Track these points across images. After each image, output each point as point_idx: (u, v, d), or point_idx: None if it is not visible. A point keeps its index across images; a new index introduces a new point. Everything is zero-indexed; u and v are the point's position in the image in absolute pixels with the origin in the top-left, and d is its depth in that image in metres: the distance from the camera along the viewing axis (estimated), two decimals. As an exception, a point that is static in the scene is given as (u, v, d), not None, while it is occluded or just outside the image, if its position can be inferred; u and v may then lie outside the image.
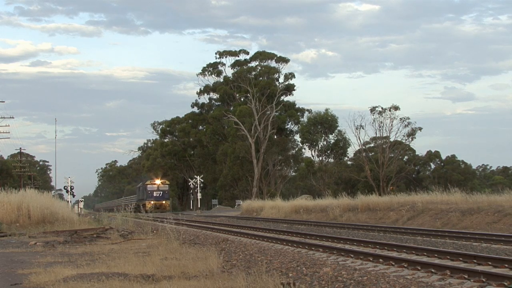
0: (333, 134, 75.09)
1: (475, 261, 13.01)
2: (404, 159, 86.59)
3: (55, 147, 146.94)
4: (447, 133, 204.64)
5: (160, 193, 74.42)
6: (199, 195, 72.68)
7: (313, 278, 11.46)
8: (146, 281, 11.48)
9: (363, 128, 69.26)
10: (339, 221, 35.77)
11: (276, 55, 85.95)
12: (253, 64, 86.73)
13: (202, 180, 75.40)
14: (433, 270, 11.83)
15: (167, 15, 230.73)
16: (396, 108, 68.80)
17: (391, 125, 69.07)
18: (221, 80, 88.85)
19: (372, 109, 69.02)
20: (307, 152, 79.85)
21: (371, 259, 14.01)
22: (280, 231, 24.94)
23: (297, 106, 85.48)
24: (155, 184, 75.17)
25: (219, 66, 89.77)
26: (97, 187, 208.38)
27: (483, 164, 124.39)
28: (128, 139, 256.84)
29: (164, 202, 74.50)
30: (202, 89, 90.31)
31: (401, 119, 69.20)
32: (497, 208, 28.18)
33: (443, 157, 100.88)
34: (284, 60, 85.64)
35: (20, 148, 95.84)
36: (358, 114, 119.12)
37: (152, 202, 73.50)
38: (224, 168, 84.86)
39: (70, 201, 59.82)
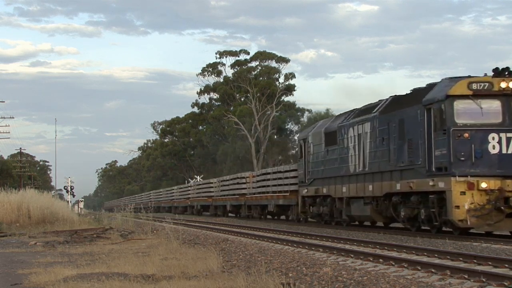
0: (333, 134, 75.15)
1: (475, 261, 12.99)
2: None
3: (55, 147, 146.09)
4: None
5: None
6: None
7: (313, 278, 11.45)
8: (146, 281, 11.48)
9: (363, 128, 69.30)
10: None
11: (276, 55, 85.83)
12: (253, 64, 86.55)
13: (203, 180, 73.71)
14: (433, 270, 11.82)
15: (167, 15, 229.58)
16: (396, 108, 68.90)
17: (391, 125, 69.13)
18: (221, 80, 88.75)
19: (372, 109, 69.08)
20: (307, 152, 79.86)
21: (371, 259, 14.00)
22: (280, 231, 24.93)
23: (297, 106, 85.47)
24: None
25: (219, 66, 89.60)
26: (97, 187, 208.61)
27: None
28: (128, 139, 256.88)
29: None
30: (202, 89, 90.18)
31: (401, 119, 69.26)
32: (497, 208, 28.13)
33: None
34: (285, 60, 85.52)
35: (20, 148, 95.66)
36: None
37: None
38: (224, 168, 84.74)
39: (70, 201, 59.92)
